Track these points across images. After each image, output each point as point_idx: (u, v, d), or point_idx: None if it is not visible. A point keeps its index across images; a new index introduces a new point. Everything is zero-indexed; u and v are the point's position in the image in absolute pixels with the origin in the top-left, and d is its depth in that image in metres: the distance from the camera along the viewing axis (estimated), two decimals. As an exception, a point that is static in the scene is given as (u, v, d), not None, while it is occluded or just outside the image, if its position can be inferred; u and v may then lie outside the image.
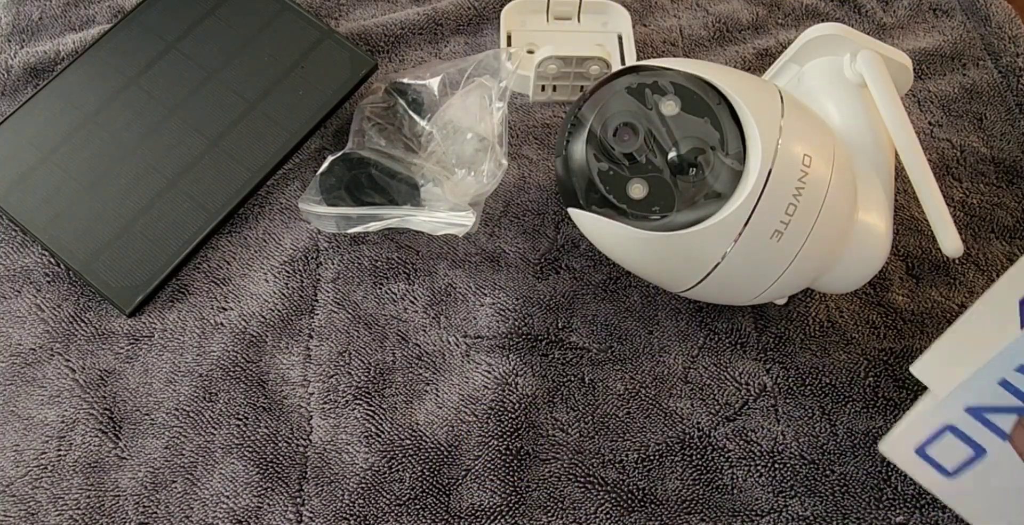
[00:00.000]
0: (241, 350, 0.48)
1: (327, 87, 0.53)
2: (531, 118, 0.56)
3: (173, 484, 0.44)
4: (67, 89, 0.53)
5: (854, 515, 0.44)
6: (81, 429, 0.45)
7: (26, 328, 0.48)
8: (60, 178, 0.50)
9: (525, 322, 0.49)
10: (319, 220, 0.49)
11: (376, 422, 0.46)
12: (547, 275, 0.51)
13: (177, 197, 0.50)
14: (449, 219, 0.48)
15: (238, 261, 0.50)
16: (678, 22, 0.63)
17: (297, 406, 0.46)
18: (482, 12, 0.60)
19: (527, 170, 0.54)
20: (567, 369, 0.48)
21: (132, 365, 0.47)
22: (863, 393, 0.47)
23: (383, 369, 0.47)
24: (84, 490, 0.44)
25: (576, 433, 0.46)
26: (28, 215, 0.50)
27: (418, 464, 0.45)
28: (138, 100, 0.52)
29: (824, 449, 0.46)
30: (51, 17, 0.58)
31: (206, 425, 0.46)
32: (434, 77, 0.53)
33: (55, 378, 0.47)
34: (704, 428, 0.46)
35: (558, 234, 0.52)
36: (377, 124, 0.53)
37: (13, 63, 0.56)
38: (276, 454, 0.45)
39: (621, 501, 0.45)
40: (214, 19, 0.55)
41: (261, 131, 0.52)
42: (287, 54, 0.54)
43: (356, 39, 0.57)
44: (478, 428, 0.46)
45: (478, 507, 0.44)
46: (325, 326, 0.48)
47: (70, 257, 0.49)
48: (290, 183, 0.53)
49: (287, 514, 0.44)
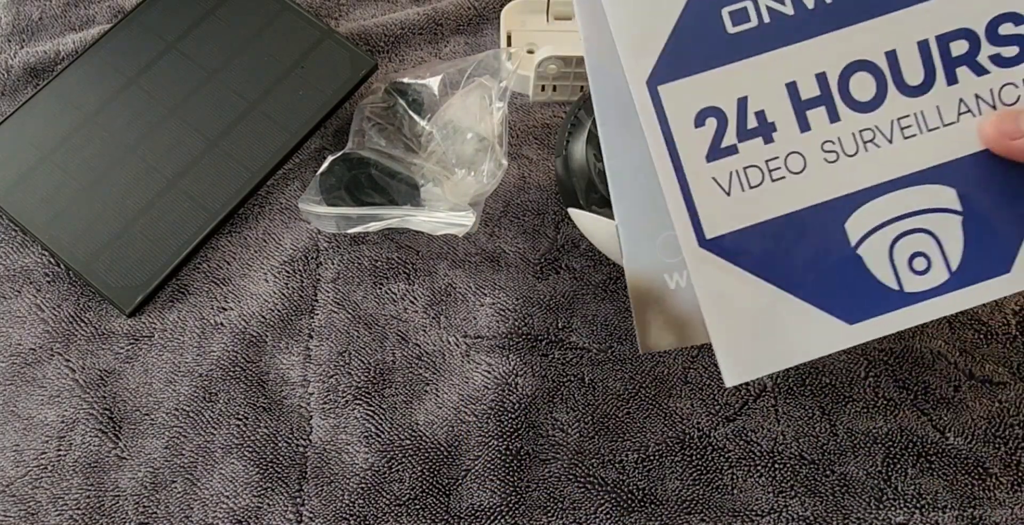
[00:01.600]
0: (241, 350, 0.48)
1: (327, 87, 0.53)
2: (531, 118, 0.56)
3: (173, 484, 0.44)
4: (67, 89, 0.53)
5: (854, 515, 0.44)
6: (81, 429, 0.45)
7: (26, 328, 0.48)
8: (60, 178, 0.50)
9: (525, 322, 0.49)
10: (319, 220, 0.49)
11: (376, 422, 0.46)
12: (547, 275, 0.50)
13: (177, 197, 0.50)
14: (449, 219, 0.48)
15: (238, 261, 0.50)
16: (678, 22, 0.62)
17: (297, 406, 0.46)
18: (482, 12, 0.60)
19: (527, 170, 0.54)
20: (567, 369, 0.48)
21: (132, 365, 0.47)
22: (863, 393, 0.47)
23: (383, 369, 0.47)
24: (84, 490, 0.44)
25: (576, 433, 0.46)
26: (28, 215, 0.50)
27: (418, 464, 0.45)
28: (138, 100, 0.52)
29: (824, 449, 0.46)
30: (51, 17, 0.58)
31: (206, 425, 0.46)
32: (434, 77, 0.53)
33: (55, 378, 0.47)
34: (704, 428, 0.46)
35: (558, 234, 0.52)
36: (377, 124, 0.53)
37: (13, 63, 0.56)
38: (276, 454, 0.45)
39: (621, 501, 0.45)
40: (214, 19, 0.55)
41: (261, 131, 0.52)
42: (287, 54, 0.54)
43: (356, 39, 0.57)
44: (478, 428, 0.46)
45: (478, 507, 0.44)
46: (325, 326, 0.48)
47: (70, 257, 0.49)
48: (290, 183, 0.53)
49: (287, 514, 0.44)
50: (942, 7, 0.33)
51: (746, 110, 0.34)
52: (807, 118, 0.34)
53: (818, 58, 0.33)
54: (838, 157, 0.34)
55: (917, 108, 0.34)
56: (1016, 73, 0.34)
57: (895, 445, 0.46)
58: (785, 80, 0.34)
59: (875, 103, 0.34)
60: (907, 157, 0.34)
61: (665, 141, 0.33)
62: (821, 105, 0.34)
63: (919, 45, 0.34)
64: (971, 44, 0.34)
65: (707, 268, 0.34)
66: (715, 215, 0.34)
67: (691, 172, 0.34)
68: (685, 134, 0.34)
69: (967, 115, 0.34)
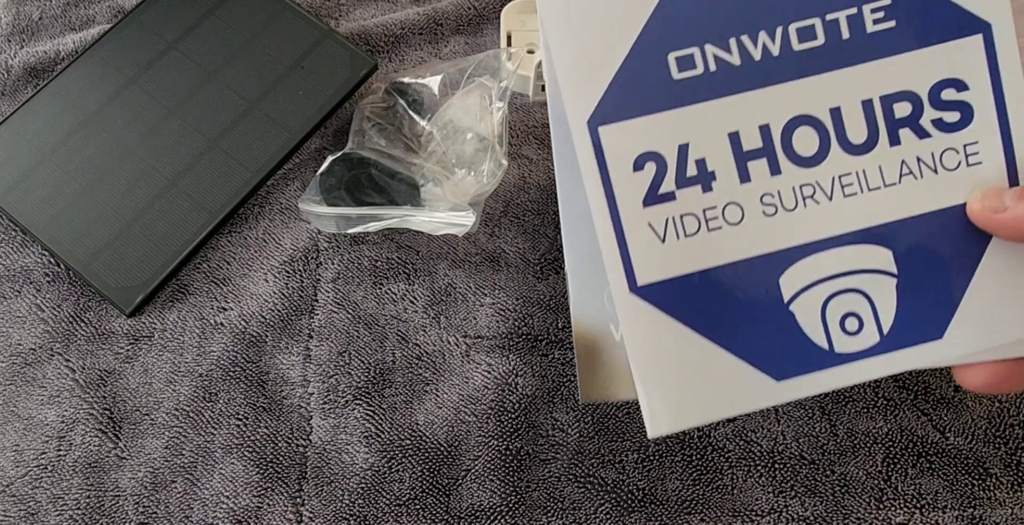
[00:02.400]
0: (241, 350, 0.48)
1: (327, 87, 0.53)
2: (531, 118, 0.56)
3: (173, 484, 0.44)
4: (67, 89, 0.53)
5: (854, 515, 0.44)
6: (81, 429, 0.45)
7: (26, 328, 0.48)
8: (60, 178, 0.50)
9: (525, 322, 0.49)
10: (319, 220, 0.49)
11: (376, 422, 0.46)
12: (547, 275, 0.51)
13: (177, 197, 0.50)
14: (449, 219, 0.48)
15: (238, 261, 0.50)
16: (678, 22, 0.62)
17: (297, 406, 0.46)
18: (482, 12, 0.60)
19: (527, 170, 0.54)
20: (567, 369, 0.48)
21: (132, 365, 0.47)
22: (863, 393, 0.47)
23: (383, 369, 0.47)
24: (84, 490, 0.44)
25: (576, 433, 0.46)
26: (28, 215, 0.50)
27: (418, 464, 0.45)
28: (138, 100, 0.52)
29: (824, 449, 0.46)
30: (51, 17, 0.58)
31: (206, 425, 0.46)
32: (434, 77, 0.53)
33: (55, 378, 0.47)
34: (704, 428, 0.46)
35: (558, 234, 0.52)
36: (377, 124, 0.53)
37: (13, 63, 0.56)
38: (276, 454, 0.45)
39: (621, 501, 0.45)
40: (214, 19, 0.55)
41: (261, 131, 0.52)
42: (287, 54, 0.54)
43: (356, 39, 0.57)
44: (478, 428, 0.46)
45: (478, 507, 0.44)
46: (325, 326, 0.48)
47: (70, 257, 0.49)
48: (290, 183, 0.53)
49: (287, 514, 0.44)
50: (888, 68, 0.33)
51: (687, 157, 0.33)
52: (748, 169, 0.33)
53: (762, 110, 0.33)
54: (776, 211, 0.34)
55: (859, 167, 0.34)
56: (957, 139, 0.34)
57: (895, 445, 0.46)
58: (728, 129, 0.33)
59: (817, 159, 0.33)
60: (846, 215, 0.34)
61: (602, 183, 0.33)
62: (763, 157, 0.33)
63: (863, 104, 0.33)
64: (914, 107, 0.34)
65: (637, 314, 0.33)
66: (648, 262, 0.33)
67: (626, 216, 0.33)
68: (623, 177, 0.33)
69: (908, 177, 0.34)
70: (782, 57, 0.33)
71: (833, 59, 0.33)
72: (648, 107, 0.33)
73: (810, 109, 0.33)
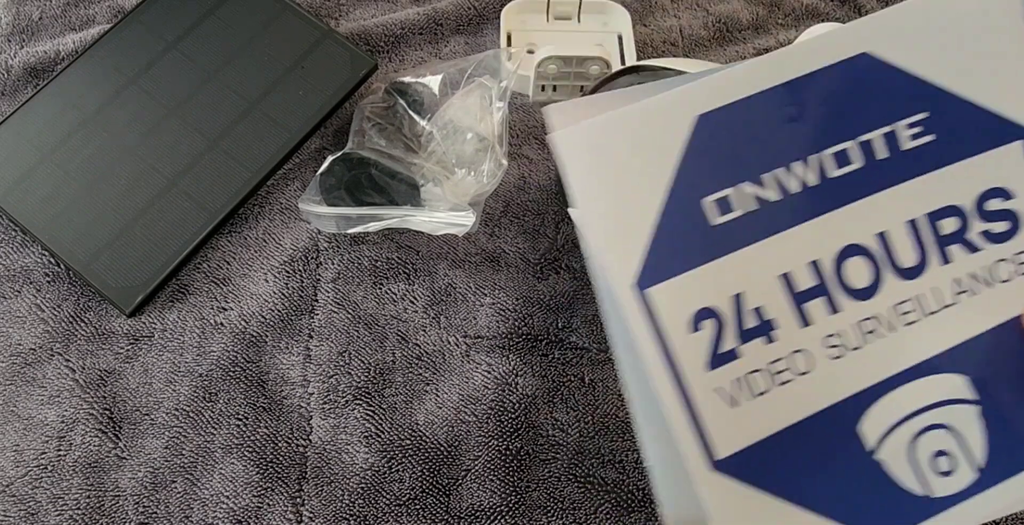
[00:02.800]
0: (241, 350, 0.48)
1: (327, 87, 0.53)
2: (531, 118, 0.56)
3: (173, 484, 0.44)
4: (67, 89, 0.53)
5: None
6: (81, 429, 0.45)
7: (26, 328, 0.48)
8: (60, 178, 0.50)
9: (525, 322, 0.49)
10: (319, 220, 0.49)
11: (376, 422, 0.46)
12: (547, 275, 0.51)
13: (177, 197, 0.50)
14: (449, 219, 0.48)
15: (238, 261, 0.50)
16: (678, 22, 0.63)
17: (297, 406, 0.46)
18: (482, 12, 0.60)
19: (527, 170, 0.54)
20: (567, 369, 0.48)
21: (132, 365, 0.47)
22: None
23: (383, 369, 0.47)
24: (84, 490, 0.44)
25: (576, 433, 0.46)
26: (28, 215, 0.50)
27: (418, 464, 0.45)
28: (138, 100, 0.52)
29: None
30: (51, 17, 0.58)
31: (206, 425, 0.46)
32: (434, 77, 0.53)
33: (55, 378, 0.47)
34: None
35: (558, 234, 0.52)
36: (377, 124, 0.53)
37: (13, 63, 0.56)
38: (276, 454, 0.45)
39: (621, 501, 0.45)
40: (214, 19, 0.55)
41: (261, 131, 0.52)
42: (287, 54, 0.54)
43: (356, 39, 0.57)
44: (478, 428, 0.46)
45: (478, 507, 0.44)
46: (325, 326, 0.48)
47: (70, 257, 0.49)
48: (290, 183, 0.53)
49: (287, 514, 0.44)
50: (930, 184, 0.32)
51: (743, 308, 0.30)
52: (806, 311, 0.31)
53: (810, 245, 0.31)
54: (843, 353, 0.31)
55: (914, 291, 0.32)
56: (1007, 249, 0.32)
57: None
58: (779, 271, 0.31)
59: (872, 289, 0.32)
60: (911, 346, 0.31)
61: (661, 351, 0.30)
62: (819, 296, 0.31)
63: (909, 225, 0.32)
64: (961, 221, 0.32)
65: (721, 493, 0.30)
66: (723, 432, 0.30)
67: (693, 385, 0.30)
68: (681, 341, 0.30)
69: (964, 295, 0.32)
70: (822, 186, 0.31)
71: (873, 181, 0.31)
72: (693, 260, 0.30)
73: (857, 238, 0.31)
